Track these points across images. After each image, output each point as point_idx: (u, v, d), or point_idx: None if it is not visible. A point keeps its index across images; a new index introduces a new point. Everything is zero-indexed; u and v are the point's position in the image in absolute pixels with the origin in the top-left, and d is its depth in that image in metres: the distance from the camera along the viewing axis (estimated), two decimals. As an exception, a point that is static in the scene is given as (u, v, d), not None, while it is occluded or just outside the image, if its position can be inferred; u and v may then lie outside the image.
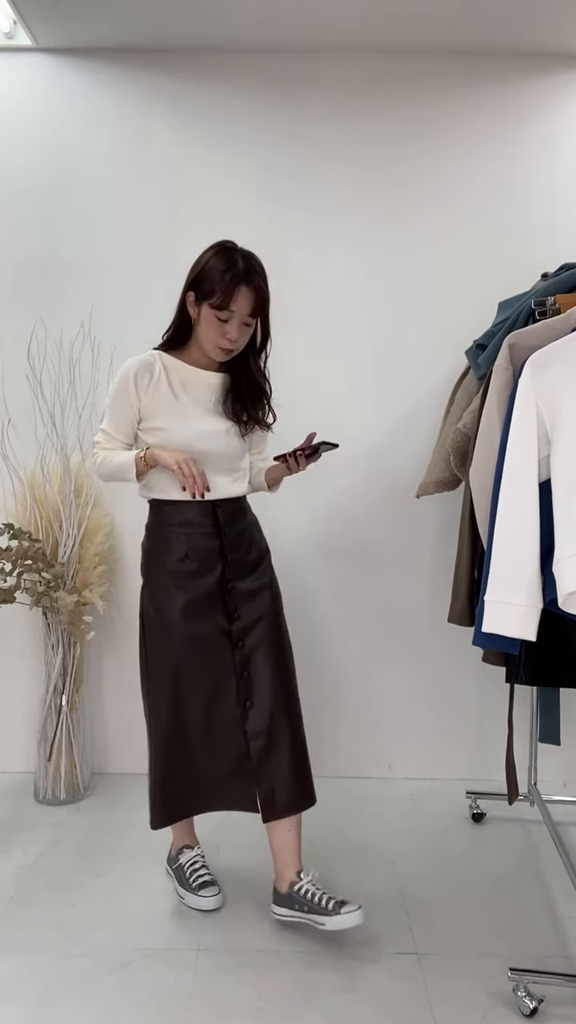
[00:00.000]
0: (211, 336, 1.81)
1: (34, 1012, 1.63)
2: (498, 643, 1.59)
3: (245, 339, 1.84)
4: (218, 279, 1.74)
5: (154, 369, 1.85)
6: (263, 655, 1.90)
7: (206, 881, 2.01)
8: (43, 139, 2.66)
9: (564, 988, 1.69)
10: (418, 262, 2.67)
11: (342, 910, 1.81)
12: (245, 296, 1.76)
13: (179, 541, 1.87)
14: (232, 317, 1.78)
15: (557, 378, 1.52)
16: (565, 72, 2.63)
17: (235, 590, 1.89)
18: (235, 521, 1.91)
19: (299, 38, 2.53)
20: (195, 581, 1.87)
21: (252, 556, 1.94)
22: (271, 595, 1.96)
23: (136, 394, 1.84)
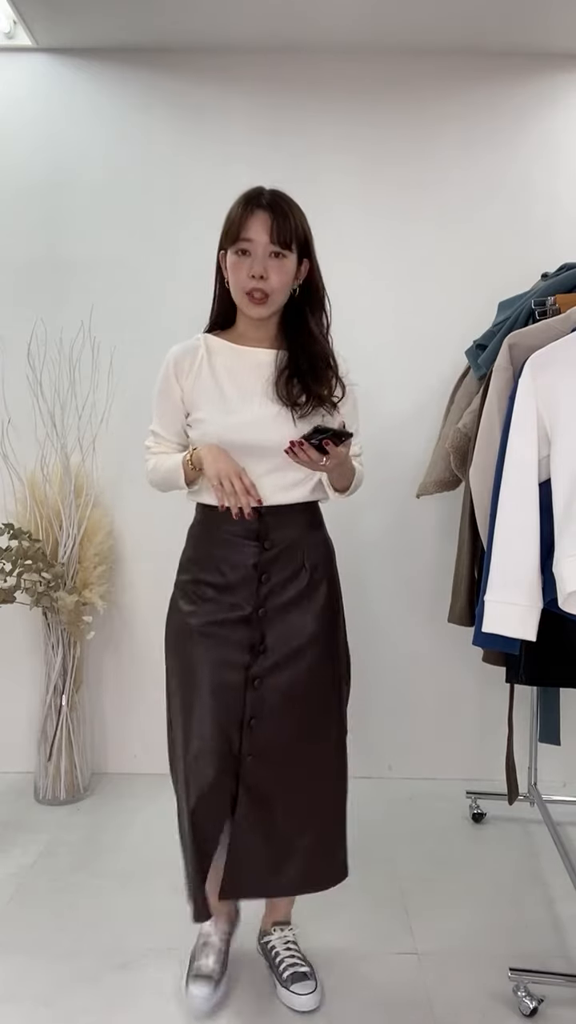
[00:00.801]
0: (239, 281, 1.51)
1: (34, 1012, 1.63)
2: (498, 643, 1.59)
3: (280, 280, 1.51)
4: (233, 214, 1.52)
5: (196, 354, 1.59)
6: (282, 704, 1.55)
7: (200, 974, 1.65)
8: (43, 139, 2.66)
9: (564, 988, 1.69)
10: (418, 262, 2.67)
11: (293, 987, 1.62)
12: (262, 220, 1.48)
13: (214, 550, 1.59)
14: (253, 248, 1.49)
15: (557, 378, 1.52)
16: (565, 72, 2.62)
17: (267, 618, 1.56)
18: (283, 534, 1.56)
19: (299, 38, 2.53)
20: (222, 599, 1.57)
21: (301, 581, 1.58)
22: (318, 633, 1.58)
23: (178, 384, 1.59)
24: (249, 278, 1.50)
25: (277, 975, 1.68)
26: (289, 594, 1.57)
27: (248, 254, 1.50)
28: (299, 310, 1.60)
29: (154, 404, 1.65)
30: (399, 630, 2.75)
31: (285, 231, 1.49)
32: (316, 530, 1.66)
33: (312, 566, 1.60)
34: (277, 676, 1.55)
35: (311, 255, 1.58)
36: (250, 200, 1.51)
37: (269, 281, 1.50)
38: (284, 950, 1.71)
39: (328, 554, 1.67)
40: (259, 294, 1.51)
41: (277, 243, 1.49)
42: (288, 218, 1.51)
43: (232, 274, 1.53)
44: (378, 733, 2.79)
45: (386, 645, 2.76)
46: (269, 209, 1.50)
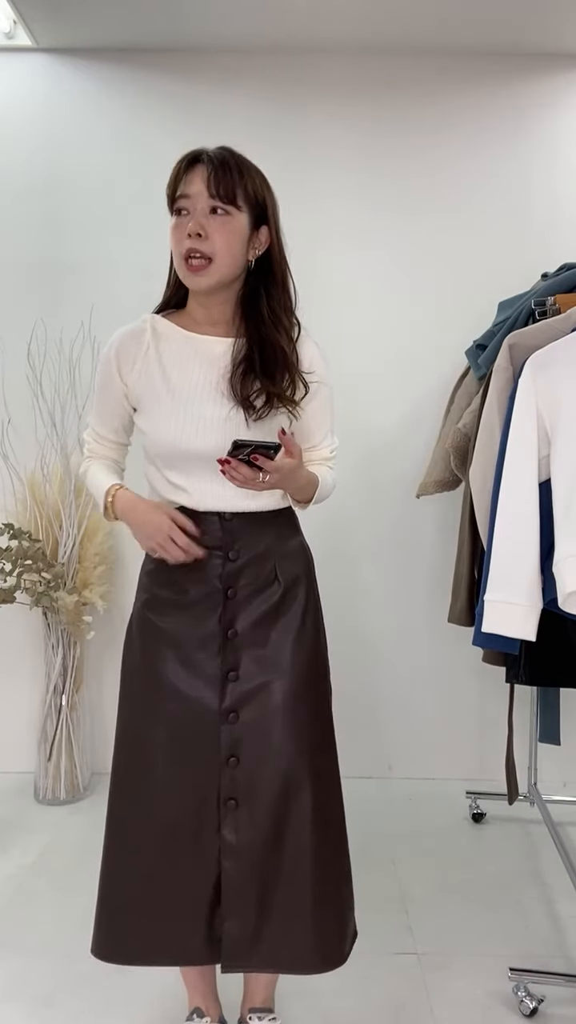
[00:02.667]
0: (177, 246, 1.30)
1: (34, 1012, 1.63)
2: (498, 643, 1.59)
3: (224, 241, 1.28)
4: (172, 172, 1.33)
5: (143, 340, 1.36)
6: (264, 736, 1.32)
7: None
8: (43, 139, 2.66)
9: (564, 988, 1.69)
10: (418, 262, 2.67)
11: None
12: (198, 173, 1.27)
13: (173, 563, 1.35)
14: (190, 204, 1.28)
15: (557, 378, 1.52)
16: (565, 72, 2.62)
17: (238, 639, 1.34)
18: (250, 543, 1.36)
19: (299, 38, 2.53)
20: (184, 618, 1.36)
21: (273, 595, 1.36)
22: (298, 653, 1.36)
23: (120, 378, 1.37)
24: (186, 238, 1.27)
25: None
26: (261, 611, 1.36)
27: (186, 212, 1.28)
28: (255, 287, 1.36)
29: (95, 399, 1.44)
30: (399, 630, 2.75)
31: (226, 183, 1.26)
32: (289, 539, 1.43)
33: (286, 578, 1.38)
34: (254, 707, 1.33)
35: (270, 223, 1.34)
36: (188, 156, 1.30)
37: (209, 240, 1.26)
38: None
39: (305, 564, 1.44)
40: (197, 258, 1.27)
41: (218, 196, 1.25)
42: (232, 171, 1.28)
43: (172, 241, 1.30)
44: (378, 733, 2.79)
45: (386, 645, 2.76)
46: (209, 162, 1.28)
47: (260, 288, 1.36)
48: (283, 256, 1.38)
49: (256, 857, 1.30)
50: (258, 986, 1.49)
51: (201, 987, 1.50)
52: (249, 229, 1.31)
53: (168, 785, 1.32)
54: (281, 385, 1.34)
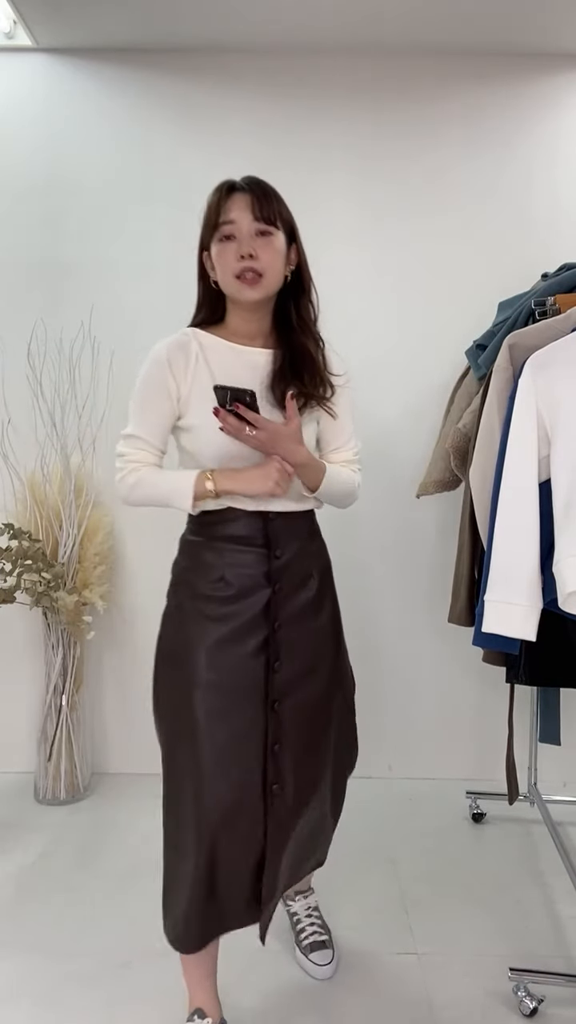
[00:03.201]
0: (227, 267, 1.42)
1: (34, 1012, 1.63)
2: (498, 643, 1.59)
3: (270, 257, 1.42)
4: (211, 201, 1.45)
5: (190, 349, 1.46)
6: (306, 722, 1.47)
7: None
8: (43, 139, 2.66)
9: (564, 988, 1.69)
10: (418, 262, 2.67)
11: (312, 955, 1.72)
12: (241, 200, 1.41)
13: (217, 559, 1.46)
14: (237, 230, 1.41)
15: (557, 378, 1.52)
16: (565, 72, 2.62)
17: (281, 631, 1.45)
18: (291, 542, 1.48)
19: (299, 38, 2.53)
20: (230, 613, 1.43)
21: (310, 590, 1.51)
22: (330, 644, 1.57)
23: (174, 381, 1.44)
24: (238, 260, 1.40)
25: (297, 941, 1.76)
26: (300, 604, 1.49)
27: (233, 238, 1.41)
28: (287, 302, 1.52)
29: (137, 406, 1.49)
30: (399, 630, 2.75)
31: (268, 208, 1.41)
32: (316, 537, 1.59)
33: (319, 575, 1.55)
34: (296, 695, 1.46)
35: (297, 240, 1.50)
36: (225, 186, 1.45)
37: (260, 260, 1.40)
38: (306, 918, 1.77)
39: (328, 563, 1.62)
40: (251, 274, 1.40)
41: (262, 220, 1.41)
42: (269, 196, 1.43)
43: (219, 263, 1.43)
44: (378, 733, 2.78)
45: (386, 645, 2.76)
46: (248, 190, 1.43)
47: (290, 301, 1.51)
48: (308, 271, 1.53)
49: (291, 830, 1.47)
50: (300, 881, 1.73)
51: (203, 987, 1.55)
52: (286, 246, 1.46)
53: (218, 774, 1.39)
54: (312, 386, 1.48)
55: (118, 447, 1.51)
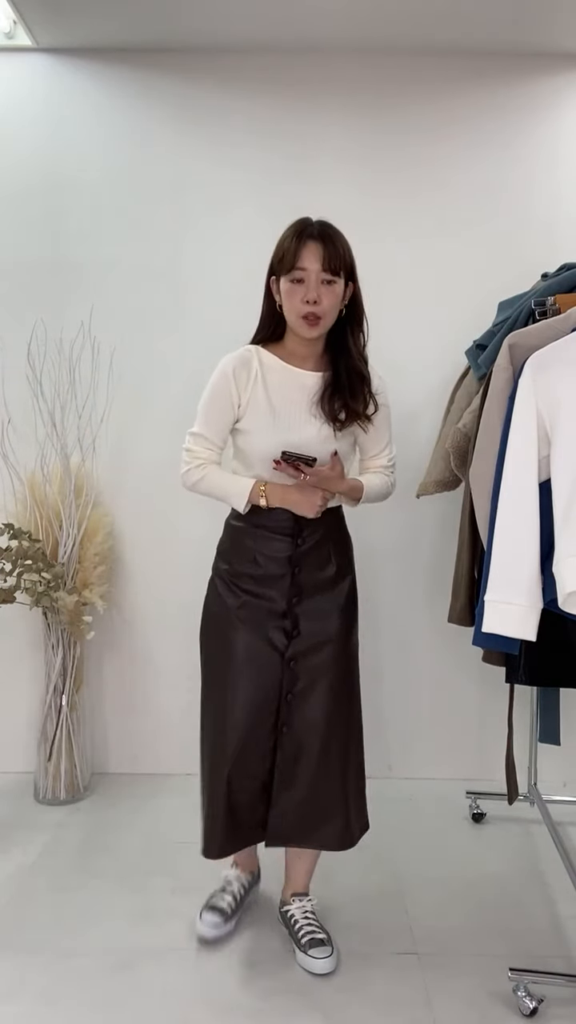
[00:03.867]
0: (294, 306, 1.67)
1: (34, 1012, 1.63)
2: (498, 643, 1.59)
3: (330, 303, 1.68)
4: (286, 245, 1.68)
5: (251, 366, 1.74)
6: (314, 682, 1.75)
7: (215, 906, 1.88)
8: (43, 139, 2.66)
9: (564, 988, 1.69)
10: (418, 262, 2.67)
11: (311, 951, 1.76)
12: (313, 250, 1.65)
13: (251, 543, 1.77)
14: (307, 276, 1.65)
15: (557, 378, 1.52)
16: (565, 72, 2.62)
17: (300, 606, 1.76)
18: (313, 532, 1.77)
19: (299, 38, 2.53)
20: (259, 587, 1.76)
21: (327, 573, 1.79)
22: (341, 621, 1.80)
23: (236, 391, 1.73)
24: (303, 303, 1.66)
25: (296, 941, 1.81)
26: (318, 584, 1.78)
27: (302, 282, 1.66)
28: (342, 330, 1.76)
29: (204, 409, 1.76)
30: (399, 630, 2.75)
31: (335, 259, 1.66)
32: (339, 529, 1.87)
33: (337, 561, 1.82)
34: (309, 658, 1.75)
35: (355, 278, 1.75)
36: (302, 231, 1.67)
37: (321, 305, 1.66)
38: (303, 918, 1.85)
39: (349, 551, 1.89)
40: (313, 318, 1.67)
41: (328, 271, 1.65)
42: (337, 247, 1.67)
43: (287, 300, 1.69)
44: (378, 733, 2.78)
45: (386, 645, 2.76)
46: (320, 239, 1.66)
47: (347, 328, 1.76)
48: (362, 303, 1.78)
49: (300, 765, 1.73)
50: (298, 875, 1.91)
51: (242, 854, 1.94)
52: (343, 290, 1.72)
53: (242, 716, 1.73)
54: (359, 401, 1.75)
55: (186, 443, 1.78)
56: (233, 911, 1.88)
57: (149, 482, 2.68)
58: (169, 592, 2.72)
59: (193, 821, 2.36)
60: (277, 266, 1.70)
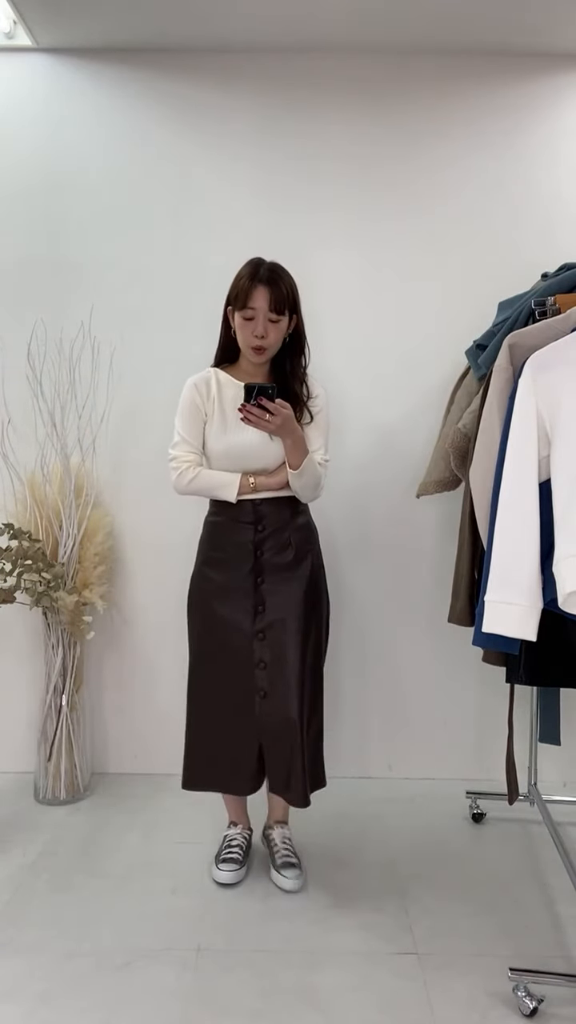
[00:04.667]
0: (246, 338, 1.98)
1: (34, 1012, 1.63)
2: (498, 643, 1.59)
3: (275, 337, 1.98)
4: (240, 285, 1.96)
5: (211, 385, 2.04)
6: (283, 650, 1.99)
7: (230, 857, 2.13)
8: (43, 139, 2.66)
9: (564, 988, 1.69)
10: (418, 262, 2.67)
11: (282, 871, 2.08)
12: (263, 293, 1.93)
13: (220, 532, 2.06)
14: (256, 315, 1.94)
15: (557, 378, 1.52)
16: (565, 72, 2.63)
17: (264, 585, 2.01)
18: (273, 519, 2.02)
19: (299, 38, 2.53)
20: (227, 571, 2.02)
21: (288, 557, 2.02)
22: (304, 596, 2.02)
23: (201, 403, 2.04)
24: (254, 337, 1.96)
25: (272, 861, 2.13)
26: (279, 564, 2.02)
27: (253, 319, 1.95)
28: (284, 354, 2.05)
29: (181, 420, 2.05)
30: (399, 630, 2.75)
31: (280, 301, 1.94)
32: (299, 517, 2.08)
33: (296, 543, 2.04)
34: (276, 630, 2.00)
35: (298, 311, 2.03)
36: (254, 275, 1.94)
37: (268, 339, 1.97)
38: (281, 843, 2.17)
39: (309, 534, 2.11)
40: (260, 349, 1.98)
41: (274, 311, 1.94)
42: (282, 289, 1.94)
43: (240, 332, 1.99)
44: (378, 733, 2.79)
45: (386, 645, 2.76)
46: (267, 284, 1.93)
47: (287, 354, 2.06)
48: (303, 332, 2.07)
49: (277, 729, 1.99)
50: (278, 805, 2.22)
51: (233, 808, 2.24)
52: (288, 322, 2.00)
53: (222, 681, 2.02)
54: (299, 415, 2.01)
55: (171, 450, 2.05)
56: (243, 859, 2.15)
57: (149, 482, 2.68)
58: (169, 592, 2.71)
59: (193, 821, 2.38)
60: (233, 301, 1.98)
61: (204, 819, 2.38)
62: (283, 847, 2.16)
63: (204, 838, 2.30)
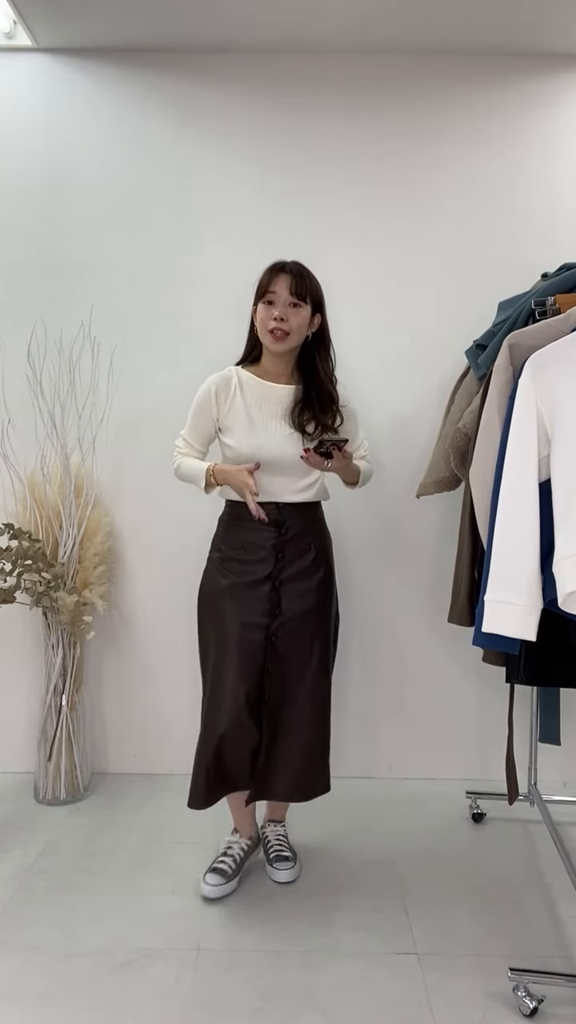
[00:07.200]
0: (264, 323, 1.95)
1: (34, 1012, 1.63)
2: (498, 643, 1.59)
3: (296, 323, 1.94)
4: (263, 276, 1.96)
5: (231, 384, 2.02)
6: (293, 653, 1.99)
7: (219, 867, 2.08)
8: (43, 139, 2.66)
9: (564, 988, 1.69)
10: (418, 262, 2.67)
11: (275, 864, 2.12)
12: (284, 280, 1.93)
13: (240, 533, 2.02)
14: (275, 298, 1.93)
15: (557, 378, 1.52)
16: (565, 72, 2.63)
17: (283, 587, 2.00)
18: (295, 523, 2.02)
19: (299, 38, 2.53)
20: (246, 570, 2.00)
21: (307, 560, 2.02)
22: (318, 600, 2.03)
23: (215, 407, 2.02)
24: (272, 319, 1.93)
25: (266, 856, 2.18)
26: (298, 568, 2.02)
27: (273, 303, 1.94)
28: (311, 355, 2.03)
29: (190, 418, 2.06)
30: (399, 630, 2.75)
31: (302, 288, 1.94)
32: (319, 521, 2.11)
33: (316, 548, 2.05)
34: (289, 632, 1.99)
35: (323, 312, 2.02)
36: (275, 267, 1.96)
37: (288, 322, 1.93)
38: (275, 839, 2.21)
39: (327, 540, 2.12)
40: (279, 332, 1.93)
41: (295, 295, 1.93)
42: (304, 279, 1.95)
43: (259, 319, 1.96)
44: (378, 733, 2.79)
45: (386, 645, 2.76)
46: (290, 272, 1.94)
47: (315, 354, 2.04)
48: (329, 333, 2.06)
49: (281, 731, 1.99)
50: (275, 808, 2.27)
51: (238, 815, 2.18)
52: (310, 315, 1.98)
53: (234, 682, 1.96)
54: (329, 416, 2.03)
55: (176, 440, 2.11)
56: (233, 872, 2.08)
57: (149, 482, 2.68)
58: (169, 592, 2.72)
59: (193, 821, 2.38)
60: (256, 297, 1.97)
61: (204, 819, 2.37)
62: (276, 843, 2.19)
63: (204, 838, 2.31)
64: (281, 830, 2.25)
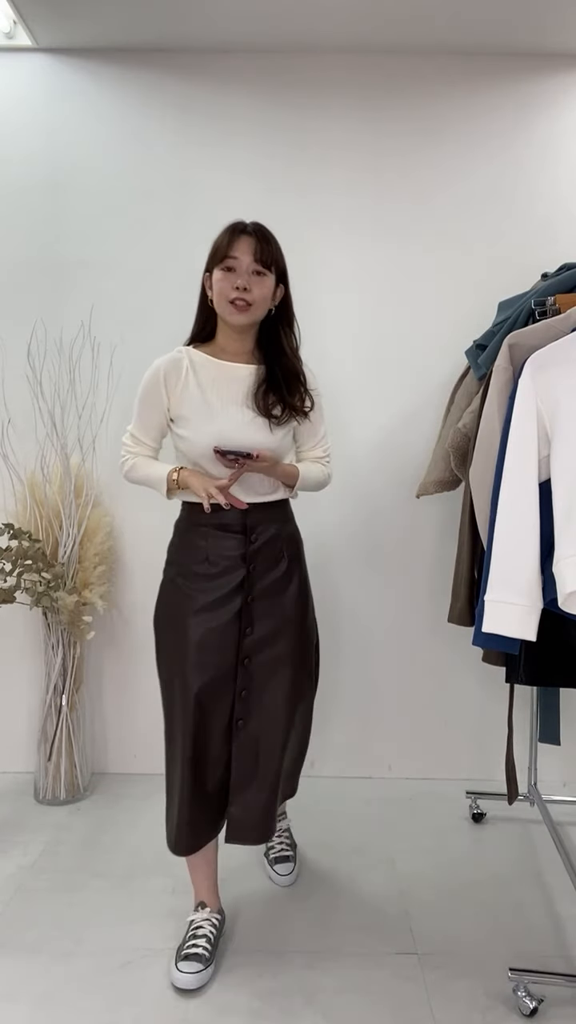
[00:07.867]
0: (224, 292, 1.71)
1: (34, 1012, 1.63)
2: (498, 643, 1.59)
3: (259, 294, 1.71)
4: (221, 238, 1.73)
5: (182, 367, 1.76)
6: (268, 676, 1.75)
7: (193, 953, 1.73)
8: (43, 139, 2.66)
9: (564, 988, 1.69)
10: (418, 262, 2.67)
11: (276, 866, 2.07)
12: (247, 243, 1.70)
13: (203, 543, 1.76)
14: (237, 265, 1.69)
15: (557, 378, 1.52)
16: (565, 72, 2.63)
17: (254, 603, 1.76)
18: (265, 528, 1.78)
19: (299, 38, 2.53)
20: (213, 587, 1.73)
21: (280, 570, 1.79)
22: (294, 615, 1.80)
23: (165, 394, 1.76)
24: (233, 289, 1.70)
25: (266, 854, 2.10)
26: (270, 580, 1.78)
27: (233, 270, 1.71)
28: (274, 329, 1.81)
29: (136, 410, 1.82)
30: (399, 630, 2.75)
31: (266, 253, 1.71)
32: (288, 523, 1.87)
33: (288, 555, 1.82)
34: (263, 653, 1.75)
35: (286, 282, 1.80)
36: (236, 228, 1.73)
37: (251, 292, 1.70)
38: (276, 839, 2.11)
39: (298, 544, 1.89)
40: (242, 302, 1.70)
41: (259, 262, 1.71)
42: (269, 243, 1.73)
43: (217, 288, 1.72)
44: (378, 733, 2.79)
45: (386, 645, 2.76)
46: (253, 235, 1.72)
47: (278, 328, 1.81)
48: (292, 308, 1.84)
49: (250, 764, 1.74)
50: None
51: (204, 884, 1.87)
52: (274, 286, 1.76)
53: (200, 718, 1.71)
54: (297, 398, 1.80)
55: (123, 437, 1.86)
56: (211, 955, 1.75)
57: (149, 482, 2.68)
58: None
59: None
60: (210, 261, 1.74)
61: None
62: (278, 840, 2.13)
63: (204, 838, 2.31)
64: (284, 825, 2.20)
